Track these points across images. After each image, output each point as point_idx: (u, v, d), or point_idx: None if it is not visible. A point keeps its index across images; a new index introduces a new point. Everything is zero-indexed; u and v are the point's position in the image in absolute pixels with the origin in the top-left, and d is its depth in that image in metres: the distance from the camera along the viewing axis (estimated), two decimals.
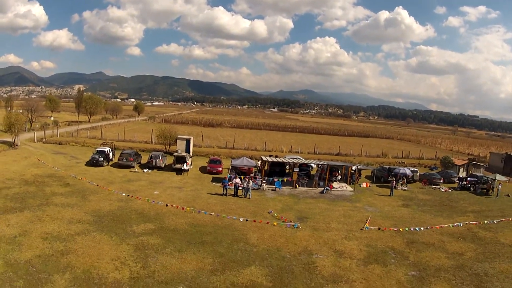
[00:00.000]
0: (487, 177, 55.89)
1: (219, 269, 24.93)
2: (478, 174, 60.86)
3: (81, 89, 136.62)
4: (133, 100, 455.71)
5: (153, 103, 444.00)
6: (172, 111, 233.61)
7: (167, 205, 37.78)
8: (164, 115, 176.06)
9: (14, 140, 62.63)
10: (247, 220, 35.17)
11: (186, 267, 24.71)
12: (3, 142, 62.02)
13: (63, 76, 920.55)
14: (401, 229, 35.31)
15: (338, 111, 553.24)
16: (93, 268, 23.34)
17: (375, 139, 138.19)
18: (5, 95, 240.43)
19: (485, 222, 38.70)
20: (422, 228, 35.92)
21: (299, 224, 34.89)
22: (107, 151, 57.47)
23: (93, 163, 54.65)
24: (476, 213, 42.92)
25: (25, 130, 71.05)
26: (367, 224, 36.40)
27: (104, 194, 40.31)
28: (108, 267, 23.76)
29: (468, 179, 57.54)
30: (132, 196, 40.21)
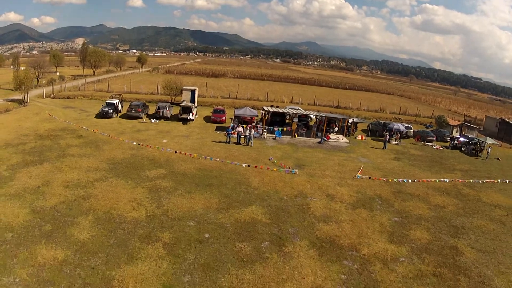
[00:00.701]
0: (478, 139, 56.85)
1: (224, 207, 28.17)
2: (470, 135, 61.55)
3: (85, 43, 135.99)
4: (134, 51, 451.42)
5: (155, 54, 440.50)
6: (174, 62, 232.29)
7: (175, 152, 40.54)
8: (167, 65, 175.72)
9: (24, 97, 63.56)
10: (249, 165, 38.18)
11: (195, 206, 27.89)
12: (13, 100, 63.02)
13: (64, 30, 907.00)
14: (390, 180, 37.97)
15: (341, 64, 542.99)
16: (113, 209, 26.33)
17: (376, 94, 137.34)
18: (6, 53, 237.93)
19: (471, 181, 40.30)
20: (409, 180, 38.37)
21: (296, 171, 37.84)
22: (116, 103, 59.11)
23: (103, 115, 56.29)
24: (463, 171, 44.44)
25: (33, 87, 71.76)
26: (359, 173, 39.15)
27: (116, 143, 42.66)
28: (126, 207, 26.79)
29: (460, 139, 58.85)
30: (142, 144, 42.77)
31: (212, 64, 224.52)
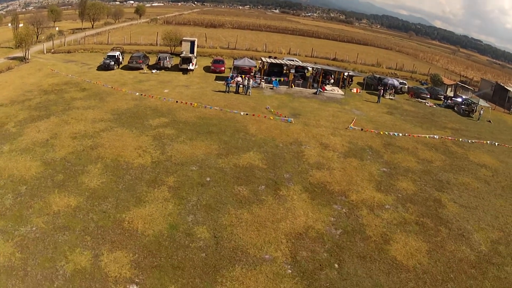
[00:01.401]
0: (471, 100, 57.13)
1: (224, 153, 30.03)
2: (464, 96, 62.07)
3: None
4: (132, 2, 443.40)
5: (153, 4, 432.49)
6: (172, 12, 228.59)
7: (177, 102, 41.95)
8: (166, 16, 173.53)
9: (25, 54, 63.04)
10: (247, 114, 39.77)
11: (197, 152, 29.76)
12: (14, 58, 62.49)
13: None
14: (381, 132, 39.47)
15: (340, 17, 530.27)
16: (120, 157, 28.10)
17: (373, 48, 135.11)
18: (2, 12, 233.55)
19: (460, 139, 41.24)
20: (400, 134, 39.81)
21: (292, 119, 39.49)
22: (117, 55, 59.59)
23: (104, 67, 56.85)
24: (454, 130, 45.26)
25: (33, 43, 71.28)
26: (352, 124, 40.63)
27: (119, 94, 43.79)
28: (133, 155, 28.60)
29: (453, 98, 59.51)
30: (145, 95, 43.95)
31: (211, 14, 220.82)
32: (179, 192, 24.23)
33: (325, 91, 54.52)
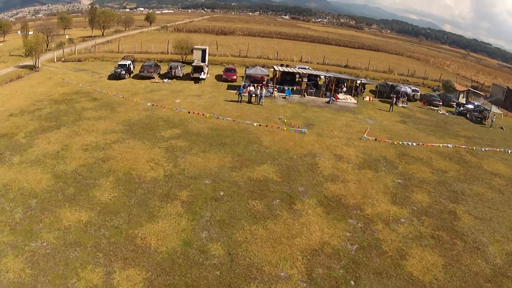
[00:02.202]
0: (483, 107, 56.06)
1: (238, 166, 29.59)
2: (476, 102, 61.28)
3: (93, 5, 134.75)
4: (142, 9, 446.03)
5: (163, 11, 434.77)
6: (182, 19, 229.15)
7: (189, 112, 41.63)
8: (176, 23, 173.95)
9: (35, 63, 62.54)
10: (260, 125, 39.30)
11: (210, 165, 29.37)
12: (24, 67, 62.14)
13: None
14: (395, 142, 38.91)
15: (351, 22, 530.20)
16: (132, 170, 27.76)
17: (384, 54, 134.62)
18: (11, 19, 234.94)
19: (474, 148, 40.51)
20: (414, 144, 39.30)
21: (306, 130, 39.04)
22: (128, 64, 59.38)
23: (115, 76, 56.69)
24: (467, 138, 44.62)
25: (43, 51, 71.09)
26: (365, 134, 40.15)
27: (131, 105, 43.49)
28: (145, 168, 28.23)
29: (465, 105, 58.53)
30: (156, 105, 43.68)
31: (221, 21, 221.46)
32: (193, 207, 23.83)
33: (338, 100, 54.04)
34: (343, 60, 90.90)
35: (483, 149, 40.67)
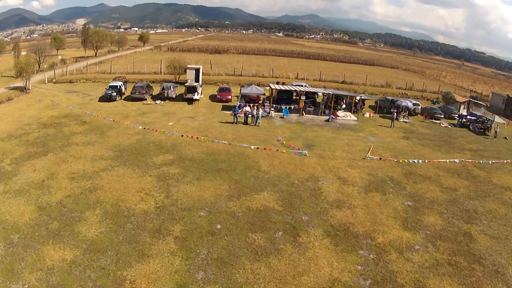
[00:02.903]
0: (486, 117, 55.54)
1: (235, 194, 27.40)
2: (478, 113, 60.53)
3: (86, 24, 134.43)
4: (136, 29, 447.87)
5: (157, 31, 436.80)
6: (176, 38, 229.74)
7: (182, 136, 39.69)
8: (170, 43, 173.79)
9: (26, 84, 61.65)
10: (257, 148, 37.29)
11: (205, 194, 27.15)
12: (15, 88, 61.22)
13: (64, 11, 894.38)
14: (400, 160, 37.21)
15: (344, 37, 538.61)
16: (121, 201, 25.59)
17: (380, 68, 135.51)
18: (6, 39, 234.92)
19: (481, 161, 39.43)
20: (420, 161, 37.66)
21: (306, 152, 37.05)
22: (119, 85, 57.89)
23: (106, 98, 55.24)
24: (473, 151, 43.53)
25: (34, 72, 70.13)
26: (369, 153, 38.34)
27: (121, 128, 41.70)
28: (135, 199, 26.04)
29: (468, 117, 57.62)
30: (148, 128, 41.83)
31: (215, 39, 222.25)
32: (187, 243, 21.60)
33: (337, 118, 52.48)
34: (339, 76, 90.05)
35: (490, 162, 39.69)
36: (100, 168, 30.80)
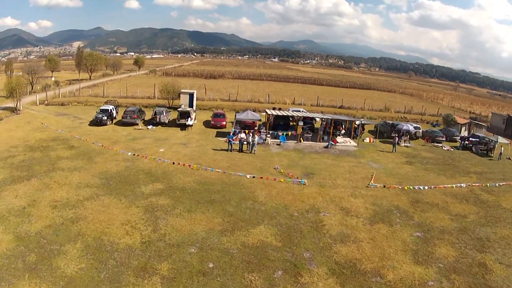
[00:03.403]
0: (488, 138, 54.81)
1: (229, 229, 25.13)
2: (480, 134, 59.49)
3: (80, 47, 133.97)
4: (132, 53, 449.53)
5: (153, 56, 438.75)
6: (172, 63, 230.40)
7: (173, 163, 37.57)
8: (165, 67, 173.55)
9: (16, 105, 60.76)
10: (254, 177, 35.09)
11: (196, 228, 24.87)
12: (6, 109, 60.16)
13: (61, 34, 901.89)
14: (405, 188, 35.36)
15: (339, 62, 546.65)
16: (104, 235, 23.39)
17: (377, 92, 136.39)
18: (3, 59, 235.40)
19: (488, 185, 38.23)
20: (426, 187, 35.89)
21: (305, 181, 34.87)
22: (110, 109, 56.42)
23: (97, 122, 53.70)
24: (478, 174, 42.35)
25: (27, 93, 69.24)
26: (372, 181, 36.40)
27: (110, 154, 39.86)
28: (119, 232, 23.84)
29: (470, 139, 56.50)
30: (138, 155, 39.88)
31: (210, 65, 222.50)
32: (175, 284, 19.33)
33: (337, 144, 50.61)
34: (337, 101, 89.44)
35: (497, 185, 38.55)
36: (85, 196, 28.73)
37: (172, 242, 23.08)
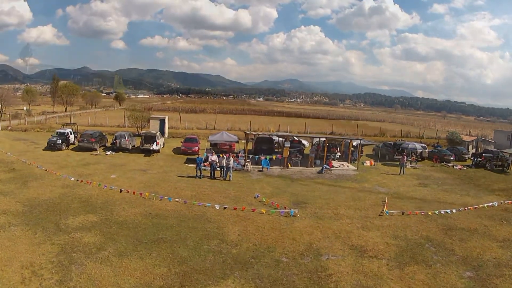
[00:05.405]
0: (502, 154, 50.91)
1: (176, 285, 16.49)
2: (493, 149, 55.65)
3: (55, 76, 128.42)
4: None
5: (138, 96, 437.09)
6: (156, 102, 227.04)
7: (121, 191, 29.88)
8: (147, 104, 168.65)
9: None
10: (225, 207, 26.97)
11: (124, 283, 16.39)
12: None
13: (49, 72, 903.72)
14: (429, 213, 28.03)
15: (324, 99, 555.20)
16: None
17: (367, 122, 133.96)
18: None
19: None
20: (454, 210, 29.00)
21: (296, 211, 26.63)
22: (67, 132, 51.02)
23: (50, 146, 48.35)
24: (504, 191, 37.36)
25: None
26: (385, 208, 28.87)
27: (50, 179, 33.28)
28: (13, 278, 16.03)
29: (484, 155, 52.00)
30: (82, 181, 32.78)
31: (194, 103, 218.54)
32: None
33: (332, 168, 43.81)
34: (327, 128, 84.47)
35: None
36: None
37: None
